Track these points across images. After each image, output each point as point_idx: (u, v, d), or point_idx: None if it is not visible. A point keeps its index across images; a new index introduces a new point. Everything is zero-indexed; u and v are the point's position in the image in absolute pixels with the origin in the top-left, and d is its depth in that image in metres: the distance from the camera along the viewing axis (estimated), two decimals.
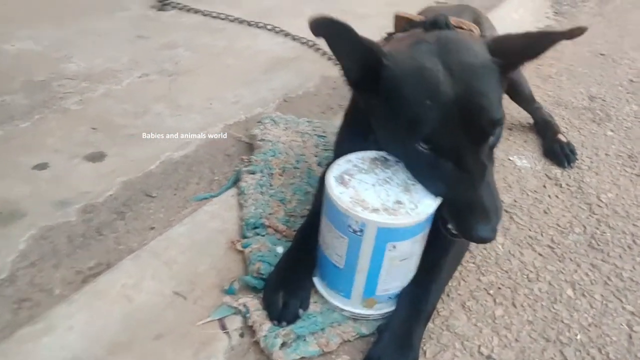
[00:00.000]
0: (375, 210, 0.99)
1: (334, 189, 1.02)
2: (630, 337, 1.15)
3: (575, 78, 2.27)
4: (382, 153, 1.13)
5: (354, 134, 1.23)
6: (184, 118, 1.75)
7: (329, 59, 2.21)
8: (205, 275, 1.18)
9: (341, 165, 1.09)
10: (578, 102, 2.08)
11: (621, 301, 1.23)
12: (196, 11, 2.50)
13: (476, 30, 1.32)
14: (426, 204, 1.02)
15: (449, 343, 1.09)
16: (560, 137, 1.73)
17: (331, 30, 0.98)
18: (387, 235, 1.00)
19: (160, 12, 2.49)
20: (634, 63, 2.45)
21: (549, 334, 1.14)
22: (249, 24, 2.43)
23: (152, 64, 2.04)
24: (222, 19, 2.46)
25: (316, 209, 1.17)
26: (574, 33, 1.00)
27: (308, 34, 2.42)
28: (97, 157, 1.54)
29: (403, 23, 1.29)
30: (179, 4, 2.52)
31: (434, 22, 1.13)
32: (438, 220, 1.04)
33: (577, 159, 1.70)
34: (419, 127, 0.97)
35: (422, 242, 1.07)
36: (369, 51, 1.00)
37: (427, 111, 0.95)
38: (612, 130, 1.90)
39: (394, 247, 1.01)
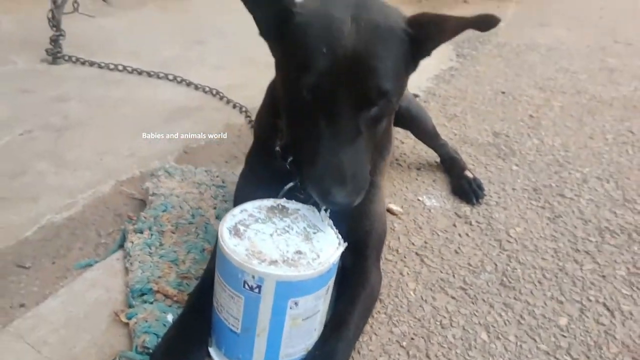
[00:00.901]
0: (274, 262, 0.89)
1: (227, 242, 0.92)
2: None
3: (479, 116, 2.32)
4: (281, 201, 1.05)
5: (260, 154, 1.21)
6: (70, 175, 1.59)
7: (234, 106, 2.14)
8: (82, 355, 1.01)
9: (236, 215, 1.00)
10: (483, 139, 2.11)
11: (535, 340, 1.18)
12: (92, 63, 2.36)
13: None
14: (329, 253, 0.94)
15: None
16: (467, 173, 1.73)
17: None
18: (288, 290, 0.90)
19: (52, 66, 2.33)
20: (532, 100, 2.55)
21: None
22: (149, 74, 2.32)
23: (36, 119, 1.88)
24: (120, 71, 2.34)
25: (212, 267, 1.05)
26: (487, 23, 0.96)
27: (212, 83, 2.35)
28: None
29: None
30: (72, 56, 2.37)
31: None
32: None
33: (485, 195, 1.69)
34: (307, 72, 0.92)
35: (326, 297, 0.98)
36: (280, 2, 0.97)
37: (320, 57, 0.92)
38: (516, 165, 1.93)
39: (296, 304, 0.91)
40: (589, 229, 1.60)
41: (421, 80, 2.65)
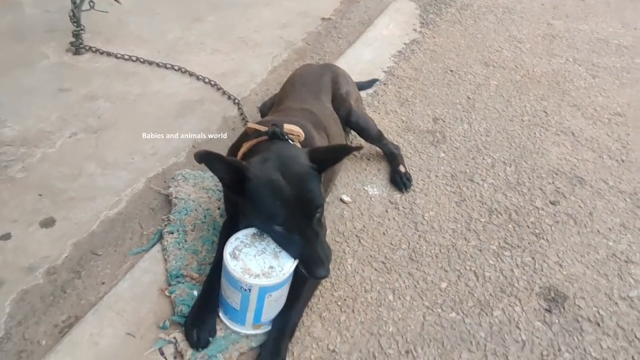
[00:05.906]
0: (257, 276, 1.56)
1: (229, 263, 1.58)
2: (422, 324, 1.81)
3: (426, 99, 2.88)
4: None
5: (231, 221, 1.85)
6: (112, 176, 2.22)
7: (229, 98, 2.70)
8: (146, 318, 1.71)
9: (232, 242, 1.65)
10: (424, 125, 2.69)
11: (422, 299, 1.89)
12: (109, 54, 2.87)
13: (301, 135, 1.85)
14: (288, 266, 1.60)
15: (308, 344, 1.72)
16: (400, 168, 2.34)
17: (209, 158, 1.55)
18: (265, 290, 1.58)
19: (77, 57, 2.83)
20: (474, 78, 3.09)
21: (373, 329, 1.78)
22: (158, 65, 2.84)
23: (77, 120, 2.46)
24: (133, 62, 2.85)
25: (217, 262, 1.74)
26: (357, 149, 1.65)
27: (210, 71, 2.89)
28: (49, 222, 2.00)
29: (253, 131, 1.84)
30: (92, 47, 2.87)
31: (273, 133, 1.74)
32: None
33: (412, 185, 2.33)
34: (274, 218, 1.57)
35: (287, 288, 1.66)
36: (237, 168, 1.58)
37: (278, 208, 1.56)
38: (444, 152, 2.54)
39: (270, 295, 1.60)
40: (483, 210, 2.25)
41: (385, 58, 3.17)
